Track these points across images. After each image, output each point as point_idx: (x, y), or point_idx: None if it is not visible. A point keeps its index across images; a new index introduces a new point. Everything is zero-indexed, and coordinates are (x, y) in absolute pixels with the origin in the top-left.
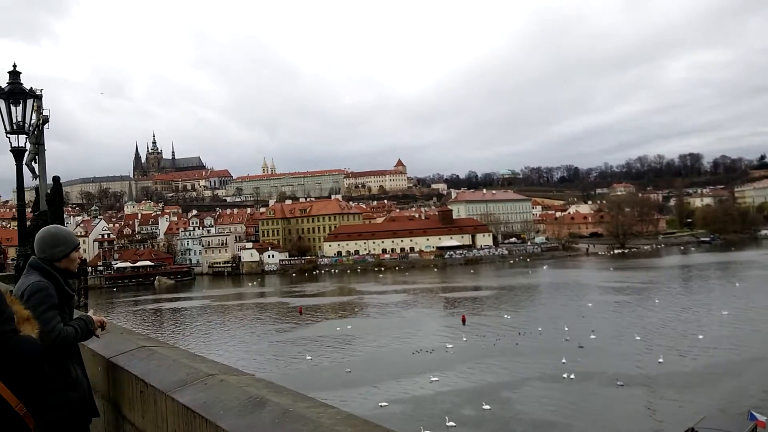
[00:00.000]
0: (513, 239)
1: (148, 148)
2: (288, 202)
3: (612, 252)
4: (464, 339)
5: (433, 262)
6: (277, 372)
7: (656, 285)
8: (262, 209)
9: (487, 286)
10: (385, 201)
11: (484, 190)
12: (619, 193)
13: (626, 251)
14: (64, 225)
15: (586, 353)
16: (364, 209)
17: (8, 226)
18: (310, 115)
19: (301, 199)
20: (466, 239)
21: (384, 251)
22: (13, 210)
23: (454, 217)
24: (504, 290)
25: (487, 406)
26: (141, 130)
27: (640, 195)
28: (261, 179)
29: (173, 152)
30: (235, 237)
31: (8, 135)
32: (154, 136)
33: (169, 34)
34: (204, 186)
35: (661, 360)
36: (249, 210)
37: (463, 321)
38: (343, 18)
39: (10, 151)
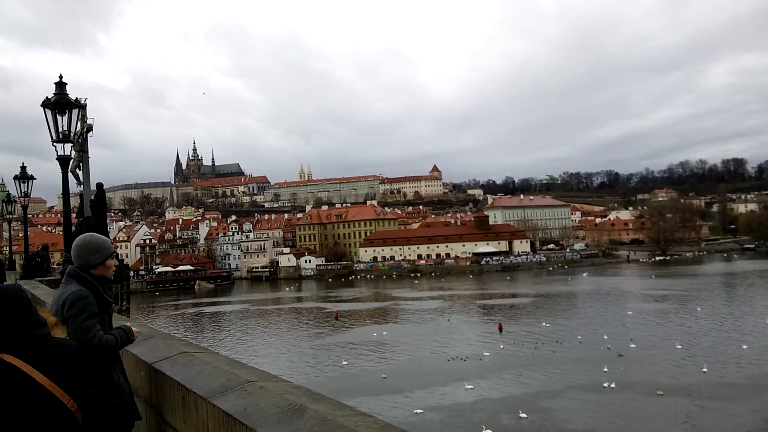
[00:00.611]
0: (551, 246)
1: (188, 155)
2: (324, 207)
3: (653, 259)
4: (501, 347)
5: (469, 268)
6: (313, 377)
7: (698, 293)
8: (299, 215)
9: (525, 293)
10: (421, 207)
11: (522, 196)
12: (660, 199)
13: (668, 258)
14: (107, 230)
15: (625, 362)
16: (400, 215)
17: (53, 231)
18: (344, 122)
19: (337, 205)
20: (503, 245)
21: (419, 257)
22: (58, 216)
23: (491, 222)
24: (542, 298)
25: (524, 415)
26: (182, 138)
27: (682, 201)
28: (298, 185)
29: (213, 159)
30: (273, 242)
31: (54, 144)
32: (194, 143)
33: (209, 44)
34: (243, 192)
35: (705, 370)
36: (286, 215)
37: (500, 329)
38: (376, 24)
39: (57, 159)
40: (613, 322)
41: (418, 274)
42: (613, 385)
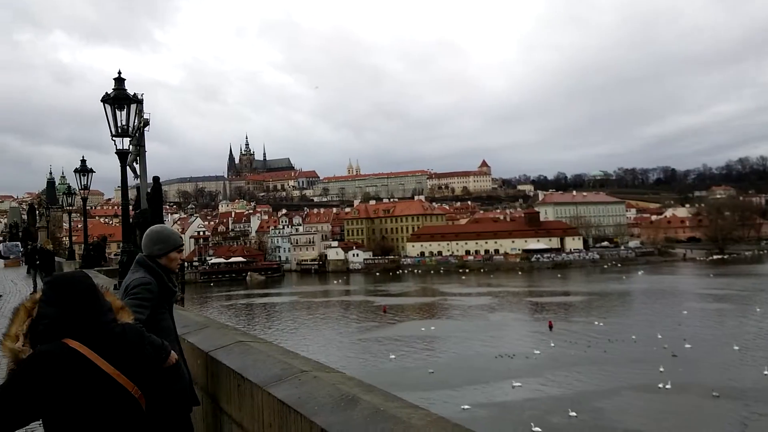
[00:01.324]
0: (605, 243)
1: (241, 149)
2: (372, 202)
3: (710, 258)
4: (552, 345)
5: (519, 265)
6: (360, 370)
7: (758, 293)
8: (347, 209)
9: (577, 291)
10: (469, 202)
11: (574, 192)
12: (718, 196)
13: (726, 257)
14: (163, 222)
15: (680, 363)
16: (448, 210)
17: (111, 222)
18: (394, 117)
19: (384, 200)
20: (555, 242)
21: (467, 253)
22: (116, 208)
23: (542, 219)
24: (595, 296)
25: (574, 413)
26: (235, 133)
27: (741, 198)
28: (346, 180)
29: (264, 154)
30: (322, 236)
31: (113, 138)
32: (246, 138)
33: (261, 39)
34: (293, 186)
35: (766, 372)
36: (335, 210)
37: (550, 327)
38: (427, 16)
39: (116, 153)
40: (668, 321)
41: (467, 270)
42: (668, 386)
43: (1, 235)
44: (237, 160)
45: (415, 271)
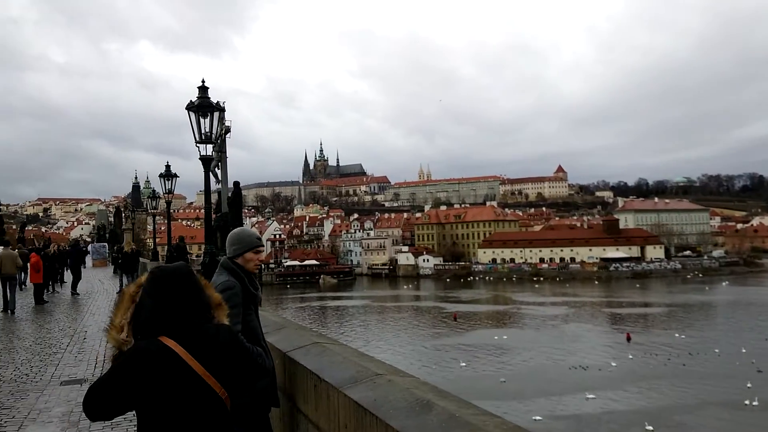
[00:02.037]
0: (687, 252)
1: (315, 155)
2: (443, 207)
3: None
4: (630, 357)
5: (596, 274)
6: (430, 376)
7: None
8: (418, 214)
9: (657, 302)
10: (544, 208)
11: (656, 199)
12: None
13: None
14: (242, 225)
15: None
16: (521, 216)
17: (192, 225)
18: (466, 121)
19: (455, 205)
20: (634, 251)
21: (541, 260)
22: (197, 211)
23: (621, 227)
24: (676, 307)
25: (650, 427)
26: (310, 138)
27: None
28: (417, 185)
29: (338, 159)
30: (393, 240)
31: (197, 144)
32: (321, 144)
33: (337, 47)
34: (365, 191)
35: None
36: (405, 215)
37: (628, 338)
38: (501, 18)
39: (199, 159)
40: (754, 335)
41: (541, 279)
42: (755, 403)
43: (89, 236)
44: (311, 166)
45: (487, 278)
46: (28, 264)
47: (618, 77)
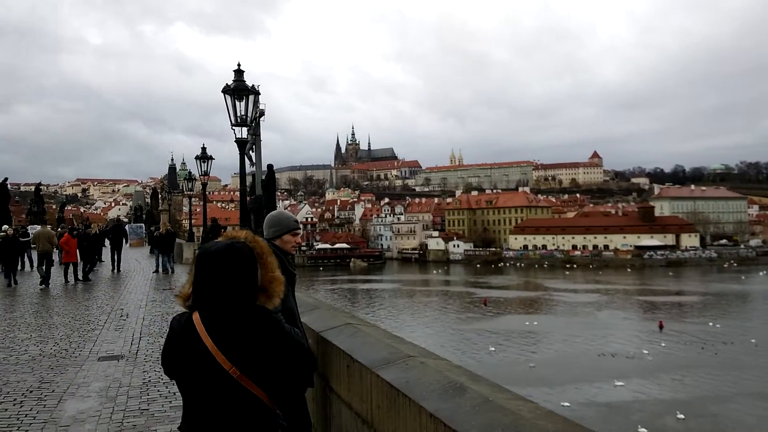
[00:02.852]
0: (723, 241)
1: (347, 139)
2: (474, 193)
3: None
4: (663, 345)
5: (630, 262)
6: (458, 360)
7: None
8: (449, 199)
9: (691, 290)
10: (578, 195)
11: (692, 186)
12: None
13: None
14: (275, 208)
15: None
16: (554, 203)
17: (227, 207)
18: (500, 106)
19: (487, 191)
20: (669, 239)
21: (574, 248)
22: (231, 193)
23: (656, 214)
24: (710, 296)
25: (682, 416)
26: (342, 122)
27: None
28: (448, 170)
29: (369, 143)
30: (423, 225)
31: (233, 127)
32: (353, 128)
33: (369, 30)
34: (395, 175)
35: None
36: (436, 200)
37: (661, 327)
38: (534, 1)
39: (235, 141)
40: None
41: (574, 266)
42: None
43: (126, 217)
44: (343, 150)
45: (518, 264)
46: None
47: (656, 61)
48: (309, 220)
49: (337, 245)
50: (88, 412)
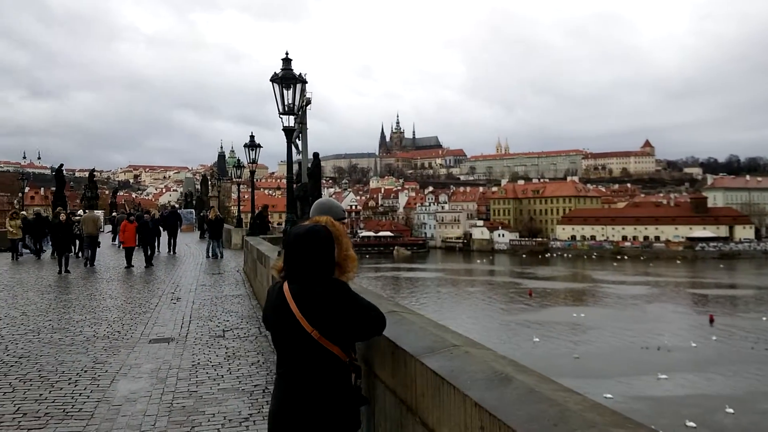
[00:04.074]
0: None
1: (392, 128)
2: (520, 182)
3: None
4: (714, 338)
5: (681, 253)
6: (501, 350)
7: None
8: (494, 188)
9: (745, 284)
10: (628, 185)
11: (748, 177)
12: None
13: None
14: (321, 196)
15: None
16: (604, 192)
17: (273, 194)
18: (549, 93)
19: (534, 180)
20: (723, 231)
21: (624, 238)
22: (278, 181)
23: (709, 205)
24: (765, 290)
25: (731, 410)
26: (387, 111)
27: None
28: (494, 159)
29: (414, 132)
30: (467, 214)
31: (281, 115)
32: (397, 116)
33: (416, 17)
34: (440, 164)
35: None
36: (481, 189)
37: (711, 320)
38: None
39: (282, 129)
40: None
41: (625, 257)
42: None
43: (177, 203)
44: (387, 138)
45: (565, 255)
46: (119, 228)
47: (712, 48)
48: (353, 208)
49: (381, 233)
50: (139, 392)
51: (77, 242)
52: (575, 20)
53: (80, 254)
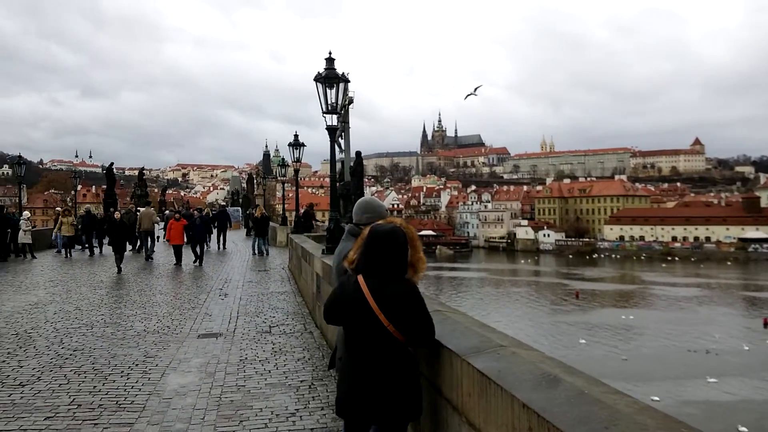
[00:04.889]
0: None
1: (434, 126)
2: (566, 181)
3: None
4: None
5: (733, 255)
6: (546, 351)
7: None
8: (539, 187)
9: None
10: (678, 184)
11: None
12: None
13: None
14: (363, 194)
15: None
16: (652, 192)
17: (317, 193)
18: (597, 89)
19: (580, 179)
20: None
21: (674, 239)
22: (321, 179)
23: (762, 205)
24: None
25: None
26: (428, 109)
27: None
28: (539, 157)
29: (456, 130)
30: (511, 213)
31: (324, 115)
32: (439, 115)
33: (458, 12)
34: (483, 162)
35: None
36: (525, 188)
37: (765, 324)
38: None
39: (326, 128)
40: None
41: (675, 258)
42: None
43: (224, 201)
44: (429, 137)
45: (613, 255)
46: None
47: (766, 42)
48: (395, 206)
49: (423, 232)
50: (188, 386)
51: (136, 239)
52: (624, 16)
53: (141, 249)
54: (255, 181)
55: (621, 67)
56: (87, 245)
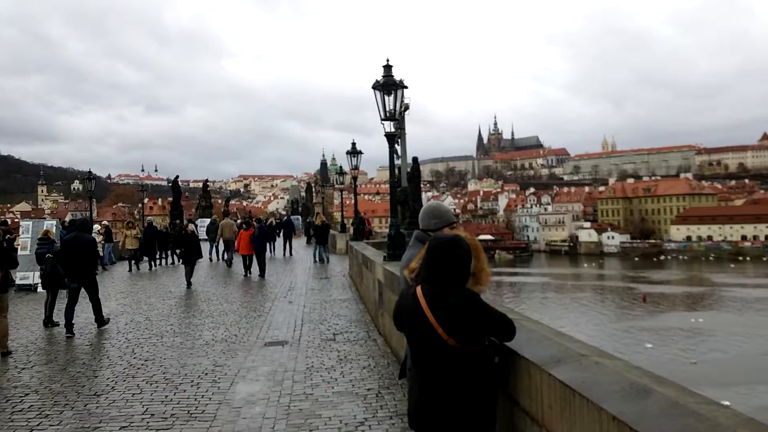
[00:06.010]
0: None
1: (489, 129)
2: (630, 180)
3: None
4: None
5: None
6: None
7: None
8: (601, 188)
9: None
10: (746, 180)
11: None
12: None
13: None
14: (421, 200)
15: None
16: (720, 189)
17: (373, 199)
18: (661, 86)
19: (644, 178)
20: None
21: (744, 238)
22: (378, 186)
23: None
24: None
25: None
26: (483, 112)
27: None
28: (600, 157)
29: (512, 132)
30: (572, 216)
31: (382, 122)
32: (495, 118)
33: (514, 11)
34: (541, 164)
35: None
36: (587, 189)
37: None
38: None
39: (384, 135)
40: None
41: (747, 258)
42: None
43: (284, 210)
44: (485, 140)
45: (680, 257)
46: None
47: None
48: (453, 211)
49: (481, 237)
50: (257, 395)
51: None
52: (687, 11)
53: (222, 258)
54: (313, 189)
55: (684, 63)
56: (147, 258)
